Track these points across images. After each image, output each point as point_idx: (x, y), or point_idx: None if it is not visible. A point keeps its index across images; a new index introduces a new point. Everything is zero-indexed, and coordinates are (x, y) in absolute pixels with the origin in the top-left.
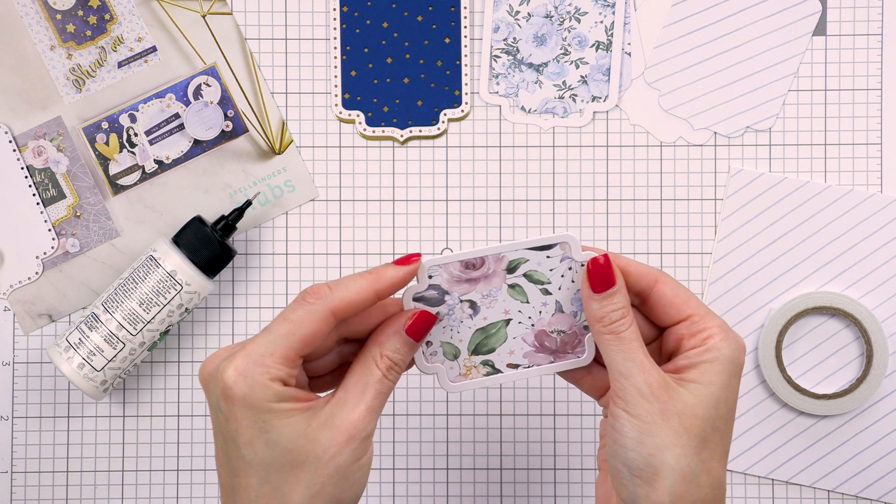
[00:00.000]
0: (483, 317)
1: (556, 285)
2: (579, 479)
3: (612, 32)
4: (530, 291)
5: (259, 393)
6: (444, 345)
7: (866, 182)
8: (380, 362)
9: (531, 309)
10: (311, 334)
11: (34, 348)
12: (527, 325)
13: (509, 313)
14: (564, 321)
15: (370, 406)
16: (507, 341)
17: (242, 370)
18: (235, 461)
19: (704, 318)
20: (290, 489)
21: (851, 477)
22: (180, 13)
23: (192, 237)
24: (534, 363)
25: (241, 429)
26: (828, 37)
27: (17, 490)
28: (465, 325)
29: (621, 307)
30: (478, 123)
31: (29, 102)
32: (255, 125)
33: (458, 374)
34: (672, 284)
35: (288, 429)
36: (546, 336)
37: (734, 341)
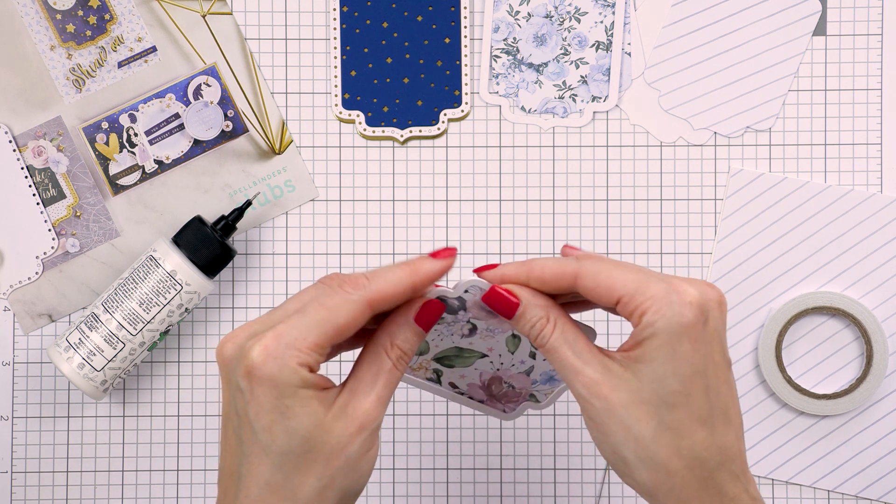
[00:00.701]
0: (470, 341)
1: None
2: (579, 479)
3: (612, 32)
4: (522, 348)
5: (287, 377)
6: (423, 342)
7: (866, 182)
8: (390, 352)
9: (509, 359)
10: (347, 324)
11: (34, 348)
12: (494, 367)
13: (491, 352)
14: (522, 381)
15: (380, 396)
16: (468, 368)
17: (273, 351)
18: (249, 445)
19: (634, 295)
20: (302, 480)
21: (851, 477)
22: (180, 13)
23: (192, 237)
24: (469, 394)
25: (262, 412)
26: (828, 37)
27: (17, 490)
28: (453, 338)
29: (537, 320)
30: (478, 123)
31: (29, 102)
32: (255, 125)
33: (410, 366)
34: (592, 272)
35: (308, 417)
36: (497, 382)
37: (671, 306)
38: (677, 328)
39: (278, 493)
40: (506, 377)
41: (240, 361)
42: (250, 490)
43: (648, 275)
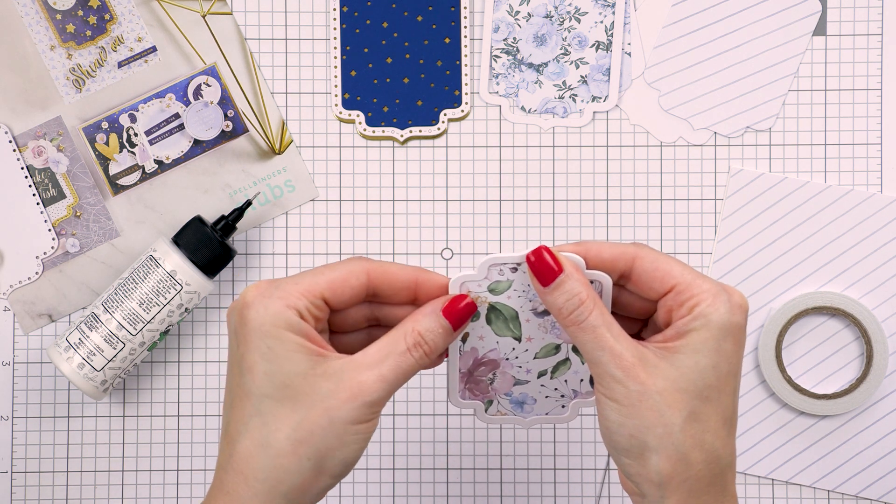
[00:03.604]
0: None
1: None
2: (579, 479)
3: (612, 32)
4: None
5: (272, 316)
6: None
7: (866, 182)
8: (409, 336)
9: (526, 359)
10: (340, 279)
11: (34, 348)
12: (509, 355)
13: (526, 342)
14: (504, 385)
15: (384, 375)
16: (493, 337)
17: (263, 290)
18: (235, 389)
19: (690, 285)
20: (278, 426)
21: (851, 477)
22: (180, 13)
23: (192, 237)
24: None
25: (248, 353)
26: (828, 37)
27: (17, 490)
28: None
29: (575, 294)
30: (478, 123)
31: (29, 102)
32: (255, 125)
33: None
34: (651, 258)
35: (290, 364)
36: (489, 368)
37: (724, 303)
38: (727, 325)
39: (254, 437)
40: (501, 370)
41: (236, 304)
42: (230, 432)
43: (699, 273)
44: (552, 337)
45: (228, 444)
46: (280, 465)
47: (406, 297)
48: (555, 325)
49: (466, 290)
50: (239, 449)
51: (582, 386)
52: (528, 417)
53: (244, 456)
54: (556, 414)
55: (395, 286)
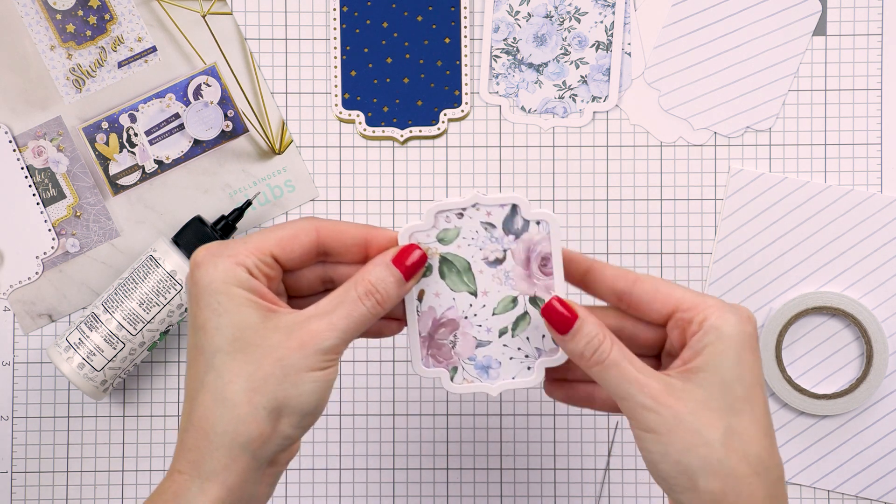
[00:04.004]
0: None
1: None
2: (579, 479)
3: (612, 32)
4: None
5: (221, 273)
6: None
7: (866, 182)
8: (359, 286)
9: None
10: (289, 236)
11: (34, 348)
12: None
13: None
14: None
15: (334, 323)
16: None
17: (213, 251)
18: (191, 350)
19: (694, 302)
20: (231, 378)
21: (851, 477)
22: (180, 13)
23: (192, 237)
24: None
25: (199, 311)
26: (828, 37)
27: (17, 490)
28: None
29: (593, 337)
30: (478, 123)
31: (29, 102)
32: (255, 125)
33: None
34: (651, 281)
35: (239, 317)
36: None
37: (734, 314)
38: (742, 335)
39: (210, 392)
40: (461, 331)
41: (189, 267)
42: (189, 391)
43: (703, 293)
44: (507, 289)
45: (188, 404)
46: (236, 417)
47: (357, 255)
48: (508, 276)
49: (416, 242)
50: (197, 406)
51: (545, 343)
52: (494, 383)
53: (202, 411)
54: (523, 377)
55: (346, 243)
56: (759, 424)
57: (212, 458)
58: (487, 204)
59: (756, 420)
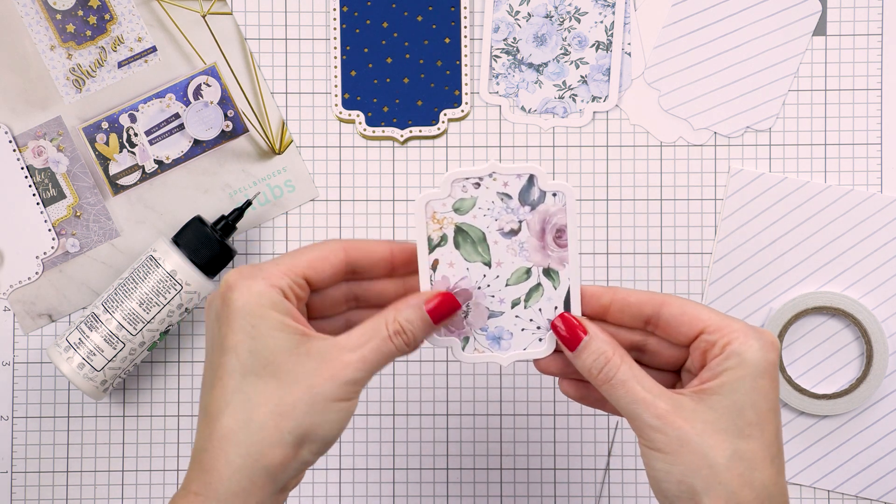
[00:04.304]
0: (495, 240)
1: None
2: (579, 479)
3: (612, 32)
4: (519, 288)
5: (256, 296)
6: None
7: (866, 182)
8: (390, 325)
9: (499, 287)
10: (319, 257)
11: (34, 348)
12: (481, 283)
13: (496, 266)
14: (479, 318)
15: (365, 356)
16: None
17: (246, 273)
18: (217, 370)
19: (721, 325)
20: (260, 401)
21: (851, 477)
22: (180, 13)
23: (192, 237)
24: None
25: (231, 333)
26: (828, 37)
27: (17, 490)
28: (489, 223)
29: (601, 353)
30: (478, 123)
31: (29, 102)
32: (255, 125)
33: (435, 212)
34: (678, 303)
35: (274, 341)
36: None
37: (757, 341)
38: (763, 363)
39: (237, 414)
40: (474, 301)
41: (219, 289)
42: (210, 412)
43: (729, 315)
44: (521, 260)
45: (208, 424)
46: (262, 440)
47: (384, 270)
48: (523, 247)
49: (432, 211)
50: (219, 427)
51: (556, 314)
52: (505, 354)
53: (226, 433)
54: (534, 348)
55: (373, 259)
56: (767, 451)
57: (232, 480)
58: (505, 173)
59: (765, 447)
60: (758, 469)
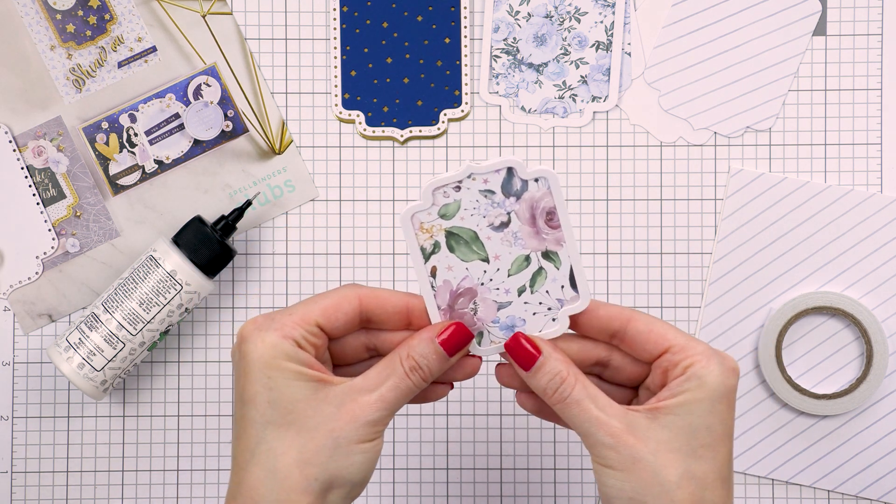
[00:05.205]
0: (488, 235)
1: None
2: (579, 479)
3: (612, 32)
4: (521, 276)
5: (270, 348)
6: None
7: (866, 182)
8: (405, 361)
9: (501, 279)
10: (333, 305)
11: (34, 348)
12: (482, 279)
13: (496, 260)
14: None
15: (383, 396)
16: (461, 263)
17: (259, 324)
18: (241, 421)
19: (685, 347)
20: (284, 451)
21: (851, 477)
22: (180, 13)
23: (192, 237)
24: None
25: (248, 384)
26: (828, 37)
27: (17, 490)
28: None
29: (556, 374)
30: (478, 123)
31: (29, 102)
32: (255, 125)
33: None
34: (646, 320)
35: (290, 390)
36: (467, 298)
37: (718, 365)
38: (722, 388)
39: (262, 464)
40: (480, 297)
41: (236, 341)
42: (238, 462)
43: (694, 337)
44: (518, 249)
45: (237, 474)
46: (289, 488)
47: (400, 323)
48: (517, 237)
49: (419, 224)
50: (247, 477)
51: (565, 292)
52: None
53: (253, 483)
54: (549, 328)
55: (388, 311)
56: (719, 473)
57: None
58: (482, 172)
59: (716, 469)
60: (709, 489)
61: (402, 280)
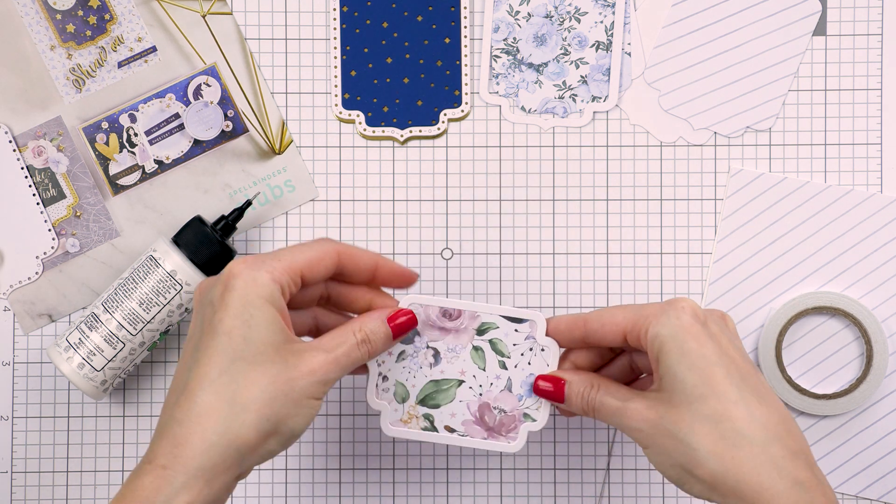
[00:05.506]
0: (441, 370)
1: (514, 362)
2: (579, 479)
3: (612, 32)
4: (490, 360)
5: (259, 288)
6: (398, 384)
7: (866, 182)
8: (357, 333)
9: (485, 377)
10: (317, 259)
11: (34, 348)
12: (476, 392)
13: (464, 374)
14: (509, 401)
15: (337, 358)
16: (453, 402)
17: (250, 263)
18: (203, 350)
19: (635, 320)
20: (245, 386)
21: (851, 477)
22: (180, 13)
23: (192, 237)
24: (468, 434)
25: (227, 318)
26: (828, 37)
27: (17, 490)
28: (423, 371)
29: (581, 391)
30: (478, 123)
31: (29, 102)
32: (255, 125)
33: (400, 419)
34: (597, 316)
35: (266, 331)
36: (488, 410)
37: (666, 314)
38: (678, 331)
39: (220, 393)
40: (492, 401)
41: (219, 278)
42: (190, 388)
43: (646, 304)
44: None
45: (186, 399)
46: (242, 421)
47: (365, 278)
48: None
49: (398, 422)
50: (199, 403)
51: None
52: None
53: (206, 409)
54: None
55: (359, 267)
56: (725, 400)
57: (204, 456)
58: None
59: (721, 398)
60: (723, 420)
61: None
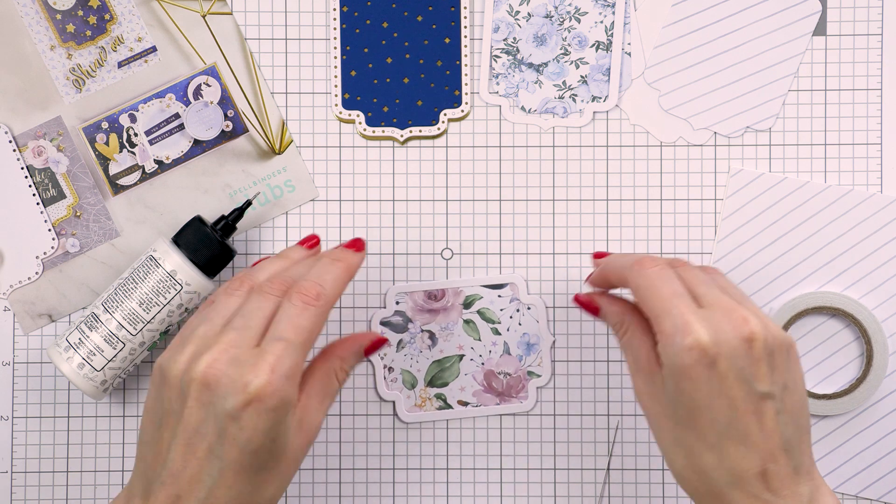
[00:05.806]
0: (440, 349)
1: (506, 326)
2: (579, 479)
3: (612, 32)
4: (482, 329)
5: (287, 405)
6: (404, 372)
7: (866, 182)
8: (339, 374)
9: (482, 347)
10: (317, 336)
11: (34, 348)
12: (478, 362)
13: (462, 349)
14: (511, 363)
15: (326, 412)
16: (459, 377)
17: (276, 385)
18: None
19: (656, 321)
20: (265, 488)
21: (851, 477)
22: (180, 13)
23: (192, 237)
24: (481, 403)
25: (256, 436)
26: (828, 37)
27: (17, 490)
28: (424, 354)
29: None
30: (478, 123)
31: (29, 102)
32: (255, 125)
33: (414, 404)
34: (635, 286)
35: (287, 437)
36: (494, 377)
37: (672, 348)
38: (677, 369)
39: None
40: (495, 367)
41: (235, 394)
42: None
43: (674, 302)
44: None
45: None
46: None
47: None
48: (445, 328)
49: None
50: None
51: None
52: None
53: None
54: None
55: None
56: (702, 441)
57: None
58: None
59: (699, 438)
60: (694, 456)
61: (402, 280)
